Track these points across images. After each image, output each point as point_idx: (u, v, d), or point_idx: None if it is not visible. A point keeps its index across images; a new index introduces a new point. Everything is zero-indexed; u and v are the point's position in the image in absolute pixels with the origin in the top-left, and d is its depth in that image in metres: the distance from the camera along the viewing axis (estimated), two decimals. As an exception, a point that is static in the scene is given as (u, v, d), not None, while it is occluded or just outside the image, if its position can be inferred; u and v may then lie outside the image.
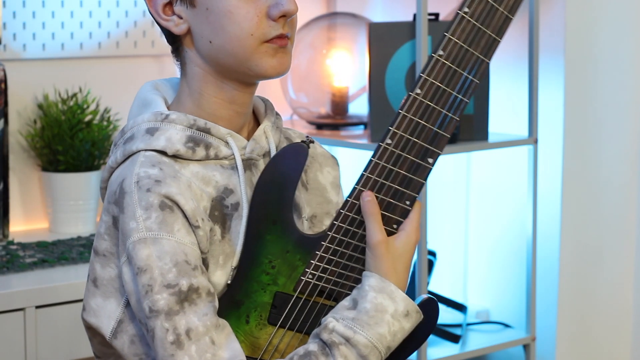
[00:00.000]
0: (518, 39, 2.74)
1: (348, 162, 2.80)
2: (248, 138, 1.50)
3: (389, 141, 1.41)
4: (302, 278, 1.43)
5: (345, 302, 1.41)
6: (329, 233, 1.42)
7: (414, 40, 2.50)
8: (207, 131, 1.44)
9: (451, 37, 1.39)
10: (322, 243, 1.42)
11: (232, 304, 1.42)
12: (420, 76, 1.40)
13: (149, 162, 1.40)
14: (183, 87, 1.49)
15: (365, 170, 1.42)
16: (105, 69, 2.69)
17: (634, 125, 2.84)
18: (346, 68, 2.82)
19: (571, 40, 2.70)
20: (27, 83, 2.58)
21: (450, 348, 2.61)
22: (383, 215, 1.42)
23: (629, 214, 2.87)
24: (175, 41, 1.48)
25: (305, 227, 1.52)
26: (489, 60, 1.41)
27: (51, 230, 2.58)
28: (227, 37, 1.41)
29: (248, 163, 1.47)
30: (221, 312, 1.40)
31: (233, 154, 1.46)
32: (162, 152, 1.42)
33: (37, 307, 2.13)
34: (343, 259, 1.43)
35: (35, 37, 2.59)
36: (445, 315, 2.80)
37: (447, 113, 1.41)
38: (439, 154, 1.42)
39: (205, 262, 1.41)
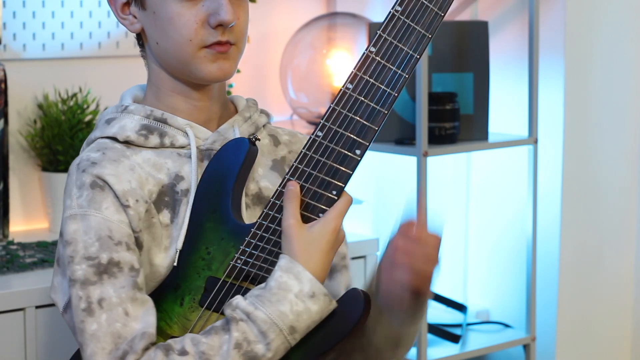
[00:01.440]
0: (518, 39, 2.74)
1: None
2: None
3: (319, 133, 1.46)
4: (231, 262, 1.48)
5: (262, 284, 1.46)
6: (258, 220, 1.48)
7: (414, 40, 2.49)
8: (163, 121, 1.53)
9: (382, 33, 1.45)
10: (251, 229, 1.48)
11: (171, 287, 1.49)
12: (352, 71, 1.45)
13: (96, 147, 1.51)
14: (147, 83, 1.59)
15: (295, 160, 1.47)
16: (105, 69, 2.69)
17: (634, 125, 2.84)
18: (346, 68, 2.82)
19: (571, 40, 2.70)
20: (27, 83, 2.58)
21: (450, 348, 2.61)
22: (308, 204, 1.47)
23: (629, 214, 2.87)
24: (138, 38, 1.58)
25: None
26: (419, 55, 1.46)
27: (51, 230, 2.58)
28: (170, 41, 1.50)
29: (208, 153, 1.54)
30: (161, 294, 1.48)
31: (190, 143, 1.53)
32: (115, 139, 1.52)
33: (37, 307, 2.13)
34: (269, 244, 1.48)
35: (35, 37, 2.59)
36: (445, 315, 2.80)
37: (375, 106, 1.46)
38: (367, 146, 1.46)
39: (138, 241, 1.48)
